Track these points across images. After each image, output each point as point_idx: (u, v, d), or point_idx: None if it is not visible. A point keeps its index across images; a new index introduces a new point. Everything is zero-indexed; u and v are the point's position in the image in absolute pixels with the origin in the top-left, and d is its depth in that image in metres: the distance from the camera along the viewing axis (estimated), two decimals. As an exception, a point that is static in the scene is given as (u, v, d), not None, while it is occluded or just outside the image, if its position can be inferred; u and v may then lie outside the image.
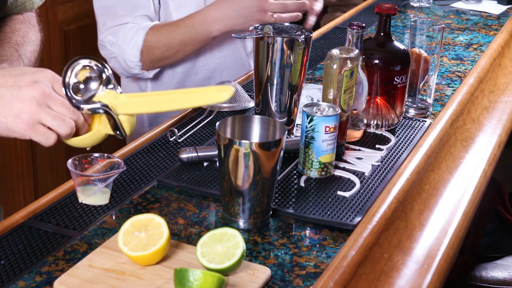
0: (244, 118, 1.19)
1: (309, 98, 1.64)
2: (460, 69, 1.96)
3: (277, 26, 1.40)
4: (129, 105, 1.12)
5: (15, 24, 1.38)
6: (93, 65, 1.11)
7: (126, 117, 1.12)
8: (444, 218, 1.33)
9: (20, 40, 1.34)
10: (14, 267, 1.05)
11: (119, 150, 1.42)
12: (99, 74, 1.11)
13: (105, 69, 1.12)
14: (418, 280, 1.15)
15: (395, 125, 1.55)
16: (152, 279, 1.01)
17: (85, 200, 1.21)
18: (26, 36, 1.37)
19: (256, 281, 1.02)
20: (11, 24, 1.38)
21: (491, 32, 2.32)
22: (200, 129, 1.52)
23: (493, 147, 1.63)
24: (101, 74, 1.11)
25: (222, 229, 1.04)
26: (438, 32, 1.58)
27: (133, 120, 1.14)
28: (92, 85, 1.11)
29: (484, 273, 2.05)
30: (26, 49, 1.33)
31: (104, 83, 1.11)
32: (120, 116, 1.12)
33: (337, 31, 2.26)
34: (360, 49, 1.40)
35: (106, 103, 1.11)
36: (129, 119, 1.13)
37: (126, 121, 1.13)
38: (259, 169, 1.11)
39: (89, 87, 1.11)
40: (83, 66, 1.11)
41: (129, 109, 1.12)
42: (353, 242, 1.13)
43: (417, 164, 1.40)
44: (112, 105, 1.11)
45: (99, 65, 1.11)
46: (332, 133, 1.29)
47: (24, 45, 1.34)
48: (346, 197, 1.26)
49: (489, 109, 1.81)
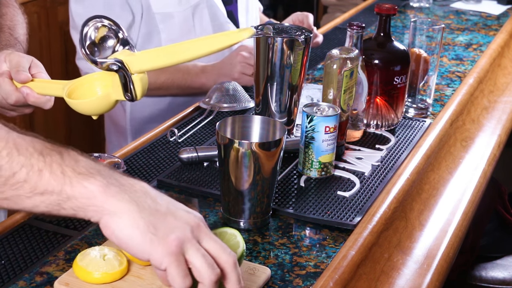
0: (244, 118, 1.20)
1: (309, 98, 1.65)
2: (460, 69, 1.97)
3: (277, 26, 1.40)
4: (144, 59, 1.10)
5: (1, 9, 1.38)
6: (108, 24, 1.10)
7: (139, 77, 1.10)
8: (444, 218, 1.33)
9: (10, 23, 1.34)
10: (14, 267, 1.05)
11: (119, 150, 1.42)
12: (116, 34, 1.11)
13: (121, 30, 1.11)
14: (418, 280, 1.15)
15: (395, 125, 1.55)
16: (152, 279, 1.01)
17: (85, 200, 1.21)
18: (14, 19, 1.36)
19: (256, 281, 1.02)
20: None
21: (491, 32, 2.32)
22: (200, 129, 1.52)
23: (492, 147, 1.63)
24: (117, 34, 1.11)
25: (222, 229, 1.04)
26: (438, 32, 1.58)
27: (145, 82, 1.12)
28: (109, 43, 1.10)
29: (483, 273, 2.05)
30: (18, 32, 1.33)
31: (120, 43, 1.11)
32: (134, 76, 1.10)
33: (337, 31, 2.26)
34: (360, 49, 1.40)
35: (120, 59, 1.09)
36: (142, 79, 1.10)
37: (138, 81, 1.10)
38: (259, 169, 1.11)
39: (106, 46, 1.10)
40: (102, 25, 1.10)
41: (145, 63, 1.10)
42: (353, 242, 1.13)
43: (417, 164, 1.40)
44: (127, 62, 1.09)
45: (114, 25, 1.11)
46: (332, 133, 1.29)
47: (15, 28, 1.33)
48: (346, 197, 1.26)
49: (489, 109, 1.82)
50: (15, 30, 1.33)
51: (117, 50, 1.11)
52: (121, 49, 1.11)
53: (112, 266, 1.00)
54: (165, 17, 1.81)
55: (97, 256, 1.00)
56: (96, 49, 1.09)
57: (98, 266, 0.99)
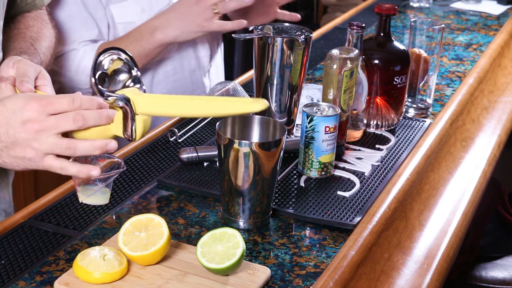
0: (244, 118, 1.20)
1: (309, 98, 1.65)
2: (460, 69, 1.97)
3: (277, 26, 1.40)
4: (151, 104, 1.08)
5: (28, 21, 1.38)
6: (124, 59, 1.09)
7: (142, 119, 1.09)
8: (444, 218, 1.33)
9: (35, 35, 1.34)
10: (14, 267, 1.05)
11: (119, 150, 1.42)
12: (129, 70, 1.10)
13: (135, 67, 1.10)
14: (418, 280, 1.15)
15: (395, 125, 1.55)
16: (152, 279, 1.01)
17: (85, 200, 1.21)
18: (40, 32, 1.36)
19: (256, 281, 1.02)
20: (24, 21, 1.38)
21: (491, 32, 2.32)
22: (200, 129, 1.52)
23: (492, 147, 1.63)
24: (130, 71, 1.10)
25: (222, 229, 1.04)
26: (437, 32, 1.58)
27: (147, 125, 1.11)
28: (120, 78, 1.09)
29: (483, 273, 2.05)
30: (41, 44, 1.33)
31: (132, 80, 1.10)
32: (137, 116, 1.08)
33: (337, 31, 2.26)
34: (360, 49, 1.40)
35: (128, 97, 1.07)
36: (144, 122, 1.09)
37: (141, 123, 1.09)
38: (259, 169, 1.11)
39: (117, 80, 1.09)
40: (118, 58, 1.09)
41: (151, 108, 1.09)
42: (353, 242, 1.13)
43: (417, 164, 1.40)
44: (134, 101, 1.07)
45: (130, 61, 1.09)
46: (332, 133, 1.29)
47: (39, 40, 1.33)
48: (346, 197, 1.26)
49: (489, 109, 1.82)
50: (38, 41, 1.33)
51: (127, 86, 1.09)
52: (132, 85, 1.10)
53: (112, 266, 1.00)
54: (128, 27, 1.75)
55: (97, 256, 1.01)
56: (107, 79, 1.08)
57: (98, 266, 0.99)
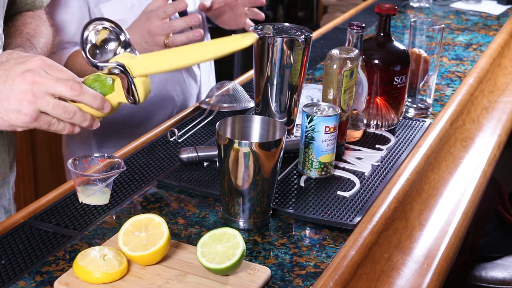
0: (244, 118, 1.20)
1: (309, 98, 1.65)
2: (460, 69, 1.97)
3: (277, 26, 1.40)
4: (146, 63, 1.09)
5: (25, 19, 1.39)
6: (109, 27, 1.09)
7: (141, 80, 1.09)
8: (444, 218, 1.33)
9: (32, 32, 1.35)
10: (14, 267, 1.05)
11: (119, 150, 1.42)
12: (117, 36, 1.10)
13: (123, 33, 1.10)
14: (418, 280, 1.15)
15: (395, 125, 1.55)
16: (152, 279, 1.01)
17: (85, 200, 1.21)
18: (37, 29, 1.37)
19: (256, 281, 1.02)
20: (21, 19, 1.39)
21: (491, 32, 2.32)
22: (200, 129, 1.52)
23: (492, 147, 1.63)
24: (118, 37, 1.10)
25: (222, 229, 1.04)
26: (437, 32, 1.58)
27: (148, 85, 1.11)
28: (110, 46, 1.09)
29: (483, 273, 2.05)
30: (38, 40, 1.34)
31: (122, 46, 1.10)
32: (136, 79, 1.09)
33: (337, 31, 2.26)
34: (360, 49, 1.40)
35: (122, 63, 1.08)
36: (143, 83, 1.10)
37: (140, 85, 1.09)
38: (259, 169, 1.11)
39: (107, 49, 1.09)
40: (102, 27, 1.09)
41: (147, 67, 1.09)
42: (353, 242, 1.13)
43: (417, 164, 1.40)
44: (129, 65, 1.08)
45: (116, 27, 1.10)
46: (332, 133, 1.29)
47: (36, 36, 1.34)
48: (346, 197, 1.26)
49: (489, 109, 1.82)
50: (35, 38, 1.33)
51: (118, 52, 1.10)
52: (123, 51, 1.10)
53: (112, 266, 1.00)
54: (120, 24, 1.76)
55: (97, 256, 1.01)
56: (98, 51, 1.08)
57: (98, 266, 0.99)
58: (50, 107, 1.05)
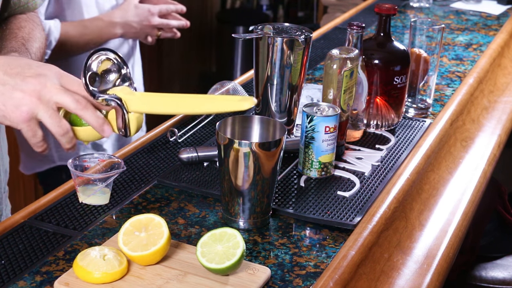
0: (244, 118, 1.20)
1: (309, 98, 1.65)
2: (460, 69, 1.97)
3: (277, 26, 1.40)
4: (143, 102, 1.10)
5: (20, 22, 1.40)
6: (113, 58, 1.10)
7: (135, 116, 1.10)
8: (444, 218, 1.33)
9: (26, 36, 1.35)
10: (14, 267, 1.05)
11: (119, 150, 1.42)
12: (118, 69, 1.11)
13: (125, 66, 1.11)
14: (418, 280, 1.15)
15: (395, 125, 1.55)
16: (152, 279, 1.01)
17: (85, 200, 1.21)
18: (31, 33, 1.38)
19: (256, 281, 1.02)
20: (16, 22, 1.39)
21: (491, 32, 2.32)
22: (200, 129, 1.52)
23: (492, 147, 1.63)
24: (120, 70, 1.11)
25: (222, 229, 1.04)
26: (437, 32, 1.58)
27: (141, 121, 1.12)
28: (110, 77, 1.10)
29: (483, 273, 2.05)
30: (32, 45, 1.34)
31: (121, 79, 1.11)
32: (130, 114, 1.10)
33: (337, 31, 2.26)
34: (360, 49, 1.40)
35: (120, 97, 1.09)
36: (137, 119, 1.11)
37: (134, 120, 1.10)
38: (259, 169, 1.11)
39: (107, 79, 1.10)
40: (106, 58, 1.10)
41: (142, 106, 1.10)
42: (353, 242, 1.13)
43: (417, 164, 1.40)
44: (126, 100, 1.09)
45: (119, 60, 1.11)
46: (332, 133, 1.29)
47: (30, 41, 1.35)
48: (346, 197, 1.26)
49: (489, 109, 1.82)
50: (29, 42, 1.34)
51: (118, 84, 1.10)
52: (121, 84, 1.11)
53: (112, 266, 1.00)
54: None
55: (97, 256, 1.01)
56: (97, 79, 1.09)
57: (98, 266, 0.99)
58: (47, 114, 1.05)
